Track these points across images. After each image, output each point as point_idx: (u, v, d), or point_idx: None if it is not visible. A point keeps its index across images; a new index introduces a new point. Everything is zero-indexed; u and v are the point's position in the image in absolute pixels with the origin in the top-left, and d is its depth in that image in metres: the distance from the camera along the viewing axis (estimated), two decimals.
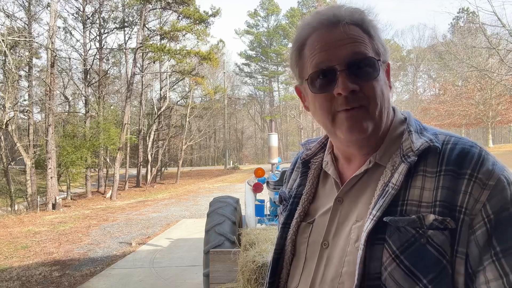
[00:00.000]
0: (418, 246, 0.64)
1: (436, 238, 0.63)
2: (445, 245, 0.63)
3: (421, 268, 0.63)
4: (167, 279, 5.30)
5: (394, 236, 0.65)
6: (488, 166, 0.65)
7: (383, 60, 0.75)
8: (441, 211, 0.64)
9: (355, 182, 0.77)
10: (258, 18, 49.42)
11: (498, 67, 24.82)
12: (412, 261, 0.63)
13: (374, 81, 0.71)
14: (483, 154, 0.67)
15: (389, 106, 0.76)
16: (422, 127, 0.76)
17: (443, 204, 0.64)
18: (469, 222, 0.63)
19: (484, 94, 27.46)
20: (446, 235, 0.63)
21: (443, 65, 36.01)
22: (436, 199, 0.65)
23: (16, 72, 16.74)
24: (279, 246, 0.86)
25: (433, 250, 0.63)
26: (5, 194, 18.08)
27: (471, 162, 0.65)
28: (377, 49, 0.74)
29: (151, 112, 28.17)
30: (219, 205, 4.17)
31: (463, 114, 29.06)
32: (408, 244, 0.64)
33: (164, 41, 23.75)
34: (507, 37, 21.83)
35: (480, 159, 0.66)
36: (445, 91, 31.25)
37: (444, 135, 0.72)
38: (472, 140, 0.71)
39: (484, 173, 0.64)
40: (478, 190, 0.63)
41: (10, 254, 7.16)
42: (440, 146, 0.69)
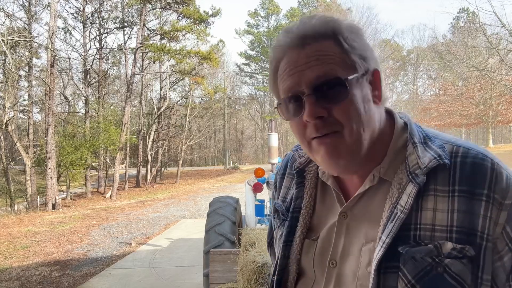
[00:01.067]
0: (435, 275, 0.61)
1: (454, 267, 0.60)
2: (464, 274, 0.60)
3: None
4: (167, 279, 5.29)
5: (409, 264, 0.62)
6: (503, 182, 0.61)
7: (363, 71, 0.67)
8: (459, 238, 0.60)
9: (360, 197, 0.72)
10: (258, 18, 49.42)
11: (498, 67, 24.81)
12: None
13: (344, 103, 0.64)
14: (496, 167, 0.63)
15: (375, 121, 0.68)
16: (425, 135, 0.70)
17: (461, 230, 0.61)
18: (492, 247, 0.60)
19: (484, 94, 27.46)
20: (465, 264, 0.60)
21: (443, 65, 36.01)
22: (452, 224, 0.61)
23: (16, 72, 16.74)
24: (281, 266, 0.79)
25: (451, 279, 0.60)
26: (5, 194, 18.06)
27: (486, 180, 0.61)
28: (352, 63, 0.66)
29: (151, 112, 28.17)
30: (219, 205, 4.16)
31: (463, 114, 29.07)
32: (424, 273, 0.61)
33: (164, 41, 23.75)
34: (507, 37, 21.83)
35: (494, 174, 0.62)
36: (445, 91, 31.25)
37: (451, 145, 0.67)
38: (481, 149, 0.66)
39: (500, 191, 0.60)
40: (496, 212, 0.60)
41: (10, 254, 7.15)
42: (449, 161, 0.64)
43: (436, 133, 0.72)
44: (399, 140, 0.71)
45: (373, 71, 0.69)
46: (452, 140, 0.69)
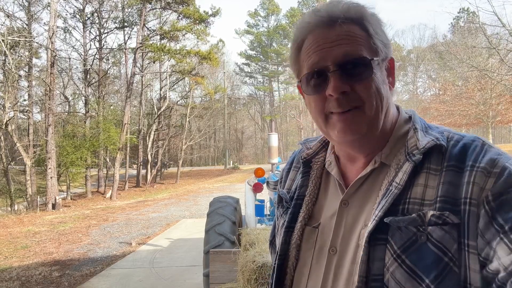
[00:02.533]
0: (419, 244, 0.62)
1: (435, 234, 0.61)
2: (446, 241, 0.61)
3: (423, 268, 0.61)
4: (167, 279, 5.29)
5: (396, 235, 0.64)
6: (490, 155, 0.64)
7: (383, 57, 0.72)
8: (441, 206, 0.62)
9: (361, 183, 0.74)
10: (258, 18, 49.42)
11: (498, 67, 24.81)
12: (413, 260, 0.61)
13: (367, 81, 0.69)
14: (486, 146, 0.66)
15: (389, 105, 0.73)
16: (427, 125, 0.75)
17: (444, 199, 0.63)
18: (475, 212, 0.61)
19: (484, 94, 27.46)
20: (446, 230, 0.61)
21: (443, 65, 36.01)
22: (437, 195, 0.64)
23: (16, 72, 16.74)
24: (282, 251, 0.81)
25: (434, 247, 0.61)
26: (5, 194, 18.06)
27: (473, 154, 0.65)
28: (375, 47, 0.71)
29: (151, 112, 28.17)
30: (219, 205, 4.16)
31: (463, 114, 29.07)
32: (410, 243, 0.63)
33: (164, 41, 23.75)
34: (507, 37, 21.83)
35: (482, 150, 0.65)
36: (445, 91, 31.26)
37: (448, 132, 0.72)
38: (476, 135, 0.70)
39: (487, 162, 0.63)
40: (483, 178, 0.61)
41: (10, 254, 7.15)
42: (446, 144, 0.68)
43: (438, 126, 0.76)
44: (402, 129, 0.75)
45: (389, 59, 0.74)
46: (449, 130, 0.73)
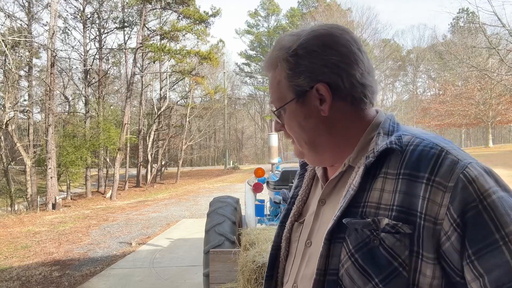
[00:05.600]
0: (372, 247, 0.66)
1: (388, 241, 0.65)
2: (397, 247, 0.65)
3: (373, 268, 0.65)
4: (167, 279, 5.30)
5: (352, 236, 0.68)
6: (447, 167, 0.63)
7: (306, 89, 0.75)
8: (396, 216, 0.65)
9: (334, 184, 0.80)
10: (259, 18, 49.43)
11: (498, 67, 24.81)
12: (365, 260, 0.66)
13: (287, 124, 0.80)
14: (443, 154, 0.65)
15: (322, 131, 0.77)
16: (396, 129, 0.76)
17: (399, 209, 0.65)
18: (432, 228, 0.62)
19: (484, 94, 27.47)
20: (398, 239, 0.64)
21: (443, 65, 36.01)
22: (393, 203, 0.66)
23: (16, 72, 16.74)
24: (276, 243, 0.91)
25: (385, 252, 0.65)
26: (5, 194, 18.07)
27: (429, 165, 0.65)
28: (294, 86, 0.76)
29: (151, 112, 28.17)
30: (219, 205, 4.16)
31: (463, 114, 29.07)
32: (363, 244, 0.67)
33: (164, 41, 23.75)
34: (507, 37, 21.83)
35: (438, 160, 0.64)
36: (445, 91, 31.26)
37: (411, 136, 0.71)
38: (438, 141, 0.69)
39: (442, 175, 0.63)
40: (439, 194, 0.62)
41: (10, 254, 7.16)
42: (401, 148, 0.69)
43: (412, 129, 0.75)
44: (371, 134, 0.77)
45: (316, 86, 0.75)
46: (417, 134, 0.72)
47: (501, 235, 0.58)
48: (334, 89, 0.75)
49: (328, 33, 0.76)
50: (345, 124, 0.77)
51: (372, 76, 0.78)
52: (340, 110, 0.76)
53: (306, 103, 0.77)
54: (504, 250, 0.57)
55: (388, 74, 42.60)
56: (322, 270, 0.71)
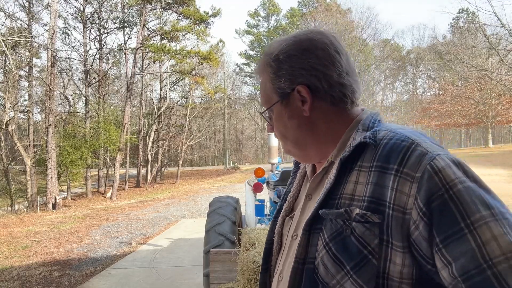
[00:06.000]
0: (344, 236, 0.70)
1: (358, 230, 0.68)
2: (366, 236, 0.67)
3: (345, 256, 0.69)
4: (167, 279, 5.30)
5: (327, 226, 0.73)
6: (415, 158, 0.65)
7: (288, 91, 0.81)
8: (367, 206, 0.68)
9: (319, 180, 0.85)
10: (259, 18, 49.44)
11: (498, 67, 24.81)
12: (338, 249, 0.70)
13: (275, 124, 0.86)
14: (413, 146, 0.67)
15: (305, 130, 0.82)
16: (375, 124, 0.79)
17: (370, 199, 0.69)
18: (401, 217, 0.65)
19: (484, 94, 27.47)
20: (367, 228, 0.67)
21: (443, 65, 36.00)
22: (365, 194, 0.70)
23: (16, 72, 16.75)
24: (269, 238, 0.96)
25: (355, 240, 0.68)
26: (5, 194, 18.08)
27: (398, 157, 0.67)
28: (277, 90, 0.83)
29: (151, 112, 28.17)
30: (219, 205, 4.16)
31: (463, 114, 29.07)
32: (337, 234, 0.71)
33: (164, 41, 23.75)
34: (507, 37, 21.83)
35: (407, 152, 0.67)
36: (445, 91, 31.25)
37: (387, 131, 0.74)
38: (410, 134, 0.71)
39: (410, 166, 0.65)
40: (407, 184, 0.65)
41: (10, 254, 7.16)
42: (375, 142, 0.72)
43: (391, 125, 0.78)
44: (352, 131, 0.81)
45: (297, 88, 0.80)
46: (394, 129, 0.75)
47: (466, 223, 0.59)
48: (313, 90, 0.80)
49: (307, 38, 0.81)
50: (327, 123, 0.82)
51: (352, 76, 0.81)
52: (321, 110, 0.81)
53: (290, 104, 0.82)
54: (470, 238, 0.58)
55: (388, 74, 42.58)
56: (301, 259, 0.75)
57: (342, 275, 0.69)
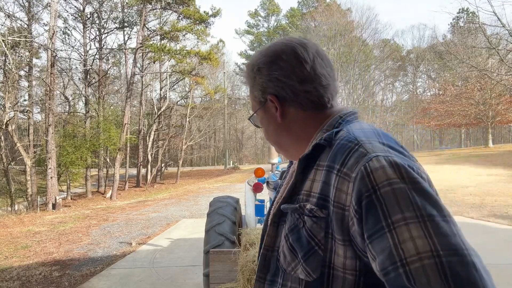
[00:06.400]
0: (299, 228, 0.78)
1: (308, 223, 0.76)
2: (314, 229, 0.75)
3: (298, 246, 0.76)
4: (167, 279, 5.30)
5: (289, 219, 0.81)
6: (354, 159, 0.70)
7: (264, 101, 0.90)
8: (316, 202, 0.75)
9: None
10: (259, 18, 49.44)
11: (498, 67, 24.82)
12: (294, 239, 0.78)
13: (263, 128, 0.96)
14: (356, 147, 0.71)
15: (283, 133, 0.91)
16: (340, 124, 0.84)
17: (319, 196, 0.75)
18: (341, 213, 0.70)
19: (484, 94, 27.47)
20: (315, 222, 0.75)
21: (443, 65, 36.01)
22: (317, 191, 0.76)
23: (16, 72, 16.75)
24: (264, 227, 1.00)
25: (305, 233, 0.76)
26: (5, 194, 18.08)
27: (341, 157, 0.72)
28: (256, 98, 0.92)
29: (151, 112, 28.18)
30: (219, 205, 4.16)
31: (463, 114, 29.07)
32: (294, 226, 0.79)
33: (164, 41, 23.76)
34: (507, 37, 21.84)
35: (350, 153, 0.71)
36: (445, 91, 31.26)
37: (344, 131, 0.79)
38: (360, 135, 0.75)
39: (349, 167, 0.70)
40: (345, 184, 0.70)
41: (10, 254, 7.16)
42: (328, 143, 0.79)
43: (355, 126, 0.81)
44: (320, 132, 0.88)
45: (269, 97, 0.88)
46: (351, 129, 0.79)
47: (387, 223, 0.62)
48: (281, 99, 0.88)
49: (274, 50, 0.88)
50: (300, 125, 0.89)
51: (318, 81, 0.86)
52: (293, 115, 0.88)
53: (267, 111, 0.91)
54: (388, 236, 0.61)
55: (388, 74, 42.59)
56: (270, 247, 0.86)
57: (296, 263, 0.77)
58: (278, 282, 0.82)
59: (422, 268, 0.57)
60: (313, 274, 0.74)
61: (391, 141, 0.74)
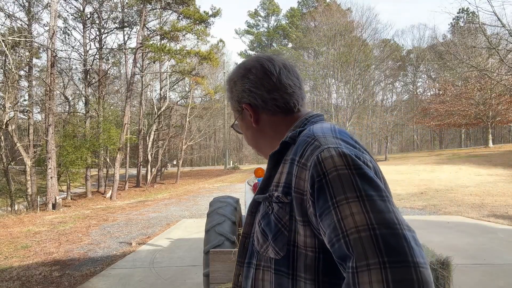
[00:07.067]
0: (268, 214, 0.89)
1: (275, 208, 0.87)
2: (280, 213, 0.86)
3: (268, 229, 0.88)
4: (167, 279, 5.30)
5: (261, 208, 0.92)
6: (310, 151, 0.81)
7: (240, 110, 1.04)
8: (282, 190, 0.86)
9: None
10: (259, 18, 49.43)
11: (498, 67, 24.82)
12: (264, 224, 0.89)
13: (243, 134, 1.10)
14: (312, 141, 0.83)
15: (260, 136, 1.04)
16: (305, 124, 0.97)
17: (284, 184, 0.87)
18: (300, 197, 0.81)
19: (484, 94, 27.47)
20: (280, 207, 0.86)
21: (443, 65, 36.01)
22: (283, 181, 0.87)
23: (16, 72, 16.75)
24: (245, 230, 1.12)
25: (273, 217, 0.87)
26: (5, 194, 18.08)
27: (300, 150, 0.84)
28: (234, 107, 1.06)
29: (151, 112, 28.18)
30: (219, 205, 4.16)
31: (463, 114, 29.06)
32: (265, 213, 0.90)
33: (164, 41, 23.75)
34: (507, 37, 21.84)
35: (307, 146, 0.83)
36: (445, 91, 31.26)
37: (306, 131, 0.90)
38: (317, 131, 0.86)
39: (306, 157, 0.81)
40: (303, 172, 0.81)
41: (10, 254, 7.16)
42: (293, 140, 0.91)
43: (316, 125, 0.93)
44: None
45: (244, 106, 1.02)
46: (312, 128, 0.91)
47: (332, 202, 0.73)
48: (254, 107, 1.02)
49: (244, 66, 1.03)
50: (273, 129, 1.02)
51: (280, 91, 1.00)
52: (265, 120, 1.02)
53: (244, 118, 1.05)
54: (333, 213, 0.72)
55: (388, 74, 42.58)
56: (247, 234, 0.97)
57: (267, 245, 0.87)
58: (253, 263, 0.93)
59: (359, 239, 0.67)
60: (281, 252, 0.85)
61: (345, 136, 0.85)
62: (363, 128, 36.98)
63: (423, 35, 66.68)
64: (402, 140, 51.06)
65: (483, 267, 4.89)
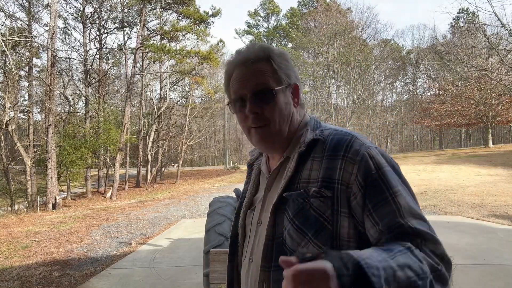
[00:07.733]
0: (305, 210, 0.88)
1: (315, 203, 0.88)
2: (322, 207, 0.87)
3: (307, 226, 0.88)
4: (167, 279, 5.30)
5: (290, 205, 0.91)
6: (356, 147, 0.88)
7: (286, 84, 0.98)
8: (321, 184, 0.88)
9: (276, 174, 1.02)
10: (258, 18, 49.44)
11: (498, 67, 24.81)
12: (301, 221, 0.88)
13: (272, 105, 0.96)
14: (353, 139, 0.90)
15: (293, 116, 1.01)
16: (319, 126, 1.00)
17: (323, 179, 0.89)
18: (345, 189, 0.86)
19: (484, 94, 27.46)
20: (322, 201, 0.87)
21: (443, 65, 36.00)
22: (319, 176, 0.89)
23: (16, 72, 16.75)
24: (233, 231, 1.12)
25: (314, 212, 0.88)
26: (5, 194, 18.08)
27: (343, 147, 0.89)
28: (279, 78, 0.97)
29: (151, 112, 28.17)
30: (219, 205, 4.16)
31: (463, 114, 29.05)
32: (299, 210, 0.89)
33: (164, 41, 23.75)
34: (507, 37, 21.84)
35: (350, 143, 0.89)
36: (445, 91, 31.25)
37: (331, 130, 0.96)
38: (349, 131, 0.94)
39: (352, 152, 0.87)
40: (350, 166, 0.86)
41: (10, 254, 7.16)
42: (324, 138, 0.94)
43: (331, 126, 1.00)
44: (302, 131, 1.02)
45: (293, 85, 1.01)
46: (335, 128, 0.97)
47: (390, 193, 0.83)
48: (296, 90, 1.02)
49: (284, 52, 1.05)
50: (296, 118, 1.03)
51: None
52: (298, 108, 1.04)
53: (287, 95, 0.99)
54: (392, 203, 0.82)
55: (388, 74, 42.58)
56: (270, 236, 0.93)
57: (305, 242, 0.87)
58: None
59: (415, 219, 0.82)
60: (324, 247, 0.86)
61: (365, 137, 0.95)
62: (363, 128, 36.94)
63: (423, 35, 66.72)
64: (402, 140, 51.05)
65: (483, 267, 4.89)
